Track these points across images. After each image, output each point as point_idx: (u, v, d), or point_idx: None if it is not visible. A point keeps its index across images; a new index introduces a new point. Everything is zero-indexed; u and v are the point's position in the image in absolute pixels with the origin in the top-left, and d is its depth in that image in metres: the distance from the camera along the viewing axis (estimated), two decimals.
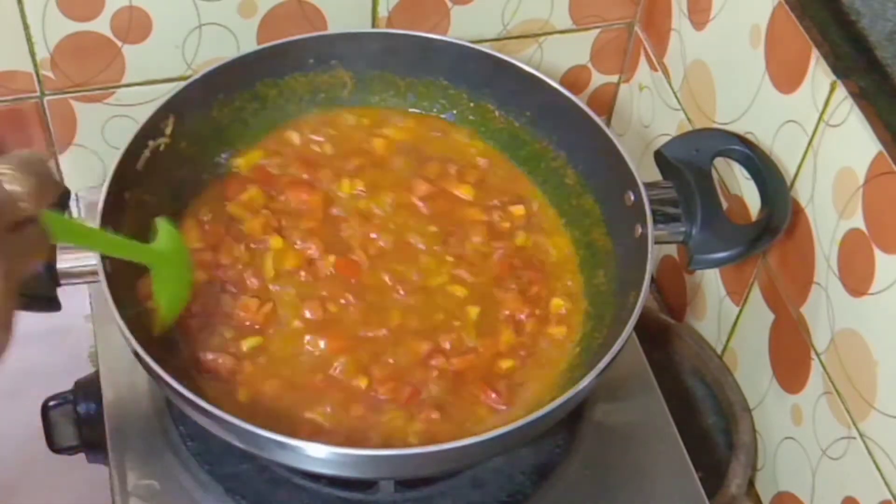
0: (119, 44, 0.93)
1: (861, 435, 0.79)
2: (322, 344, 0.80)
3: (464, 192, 0.89)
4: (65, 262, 0.77)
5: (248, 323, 0.80)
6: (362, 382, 0.78)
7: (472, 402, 0.79)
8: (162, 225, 0.76)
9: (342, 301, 0.82)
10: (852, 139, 0.76)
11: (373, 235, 0.86)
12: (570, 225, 0.89)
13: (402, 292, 0.83)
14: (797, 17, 0.82)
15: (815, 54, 0.80)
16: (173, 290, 0.77)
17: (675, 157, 0.85)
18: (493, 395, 0.79)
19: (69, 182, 1.00)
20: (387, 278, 0.84)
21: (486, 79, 0.91)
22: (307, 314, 0.81)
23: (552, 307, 0.85)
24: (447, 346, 0.81)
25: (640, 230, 0.81)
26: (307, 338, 0.80)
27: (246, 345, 0.79)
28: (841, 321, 0.80)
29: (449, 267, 0.85)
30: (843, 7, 0.80)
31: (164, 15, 0.93)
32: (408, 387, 0.78)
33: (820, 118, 0.80)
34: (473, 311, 0.83)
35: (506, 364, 0.81)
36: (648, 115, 1.07)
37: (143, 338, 0.74)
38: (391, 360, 0.80)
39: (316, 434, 0.76)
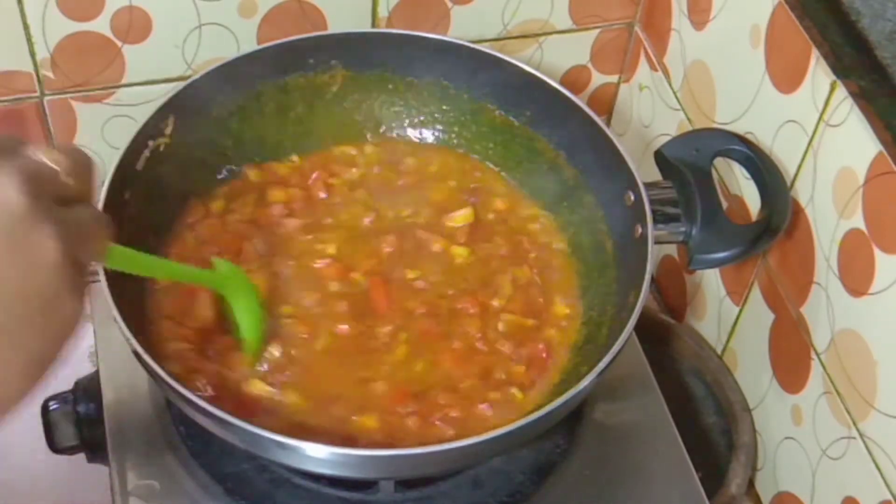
0: (119, 44, 0.93)
1: (861, 435, 0.79)
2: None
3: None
4: None
5: None
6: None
7: None
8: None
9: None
10: (852, 139, 0.76)
11: (387, 249, 0.86)
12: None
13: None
14: (797, 17, 0.82)
15: (815, 54, 0.80)
16: (251, 319, 0.78)
17: (675, 157, 0.85)
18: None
19: None
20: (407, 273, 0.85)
21: (486, 79, 0.91)
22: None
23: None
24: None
25: (639, 230, 0.81)
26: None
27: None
28: (841, 321, 0.80)
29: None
30: (843, 7, 0.80)
31: (164, 15, 0.93)
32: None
33: (820, 118, 0.80)
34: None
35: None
36: (648, 115, 1.07)
37: (143, 338, 0.74)
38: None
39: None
